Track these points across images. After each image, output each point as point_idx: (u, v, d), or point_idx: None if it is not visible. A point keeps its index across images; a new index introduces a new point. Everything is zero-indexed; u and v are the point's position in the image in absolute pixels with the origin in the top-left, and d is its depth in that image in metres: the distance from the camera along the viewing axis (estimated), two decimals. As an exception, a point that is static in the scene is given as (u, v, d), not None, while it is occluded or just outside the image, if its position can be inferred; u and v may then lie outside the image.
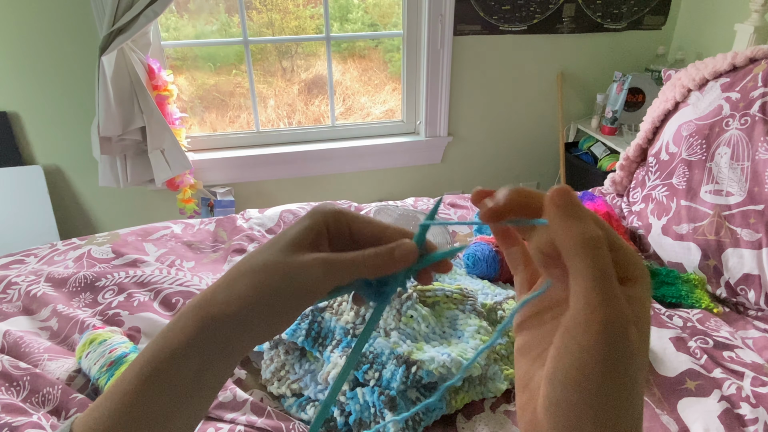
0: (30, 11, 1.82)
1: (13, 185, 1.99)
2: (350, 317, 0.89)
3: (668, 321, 1.01)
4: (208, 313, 0.33)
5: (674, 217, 1.23)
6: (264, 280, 0.33)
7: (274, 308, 0.33)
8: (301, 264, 0.33)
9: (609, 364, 0.24)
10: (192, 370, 0.33)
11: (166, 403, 0.33)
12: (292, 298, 0.33)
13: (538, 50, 2.29)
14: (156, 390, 0.32)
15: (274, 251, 0.33)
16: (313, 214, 0.35)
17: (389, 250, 0.33)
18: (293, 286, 0.33)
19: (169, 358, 0.33)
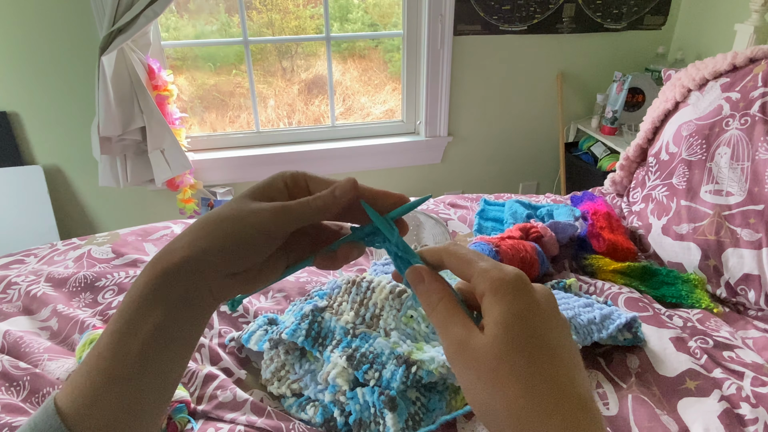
0: (30, 11, 1.82)
1: (13, 185, 1.99)
2: (350, 317, 0.89)
3: (668, 321, 1.01)
4: (162, 265, 0.34)
5: (674, 217, 1.23)
6: (217, 226, 0.34)
7: (228, 251, 0.34)
8: (252, 209, 0.35)
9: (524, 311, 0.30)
10: (156, 318, 0.33)
11: (137, 360, 0.33)
12: (244, 241, 0.34)
13: (538, 50, 2.29)
14: (123, 348, 0.33)
15: (235, 201, 0.36)
16: (274, 175, 0.38)
17: (331, 191, 0.36)
18: (244, 229, 0.34)
19: (133, 309, 0.33)
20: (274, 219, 0.35)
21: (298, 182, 0.38)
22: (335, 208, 0.36)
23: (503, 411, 0.28)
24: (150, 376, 0.34)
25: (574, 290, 1.09)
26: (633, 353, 0.94)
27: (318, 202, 0.36)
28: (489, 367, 0.29)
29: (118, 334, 0.33)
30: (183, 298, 0.34)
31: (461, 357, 0.30)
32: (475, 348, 0.29)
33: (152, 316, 0.33)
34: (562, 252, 1.24)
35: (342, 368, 0.81)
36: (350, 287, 0.94)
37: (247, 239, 0.35)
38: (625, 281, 1.15)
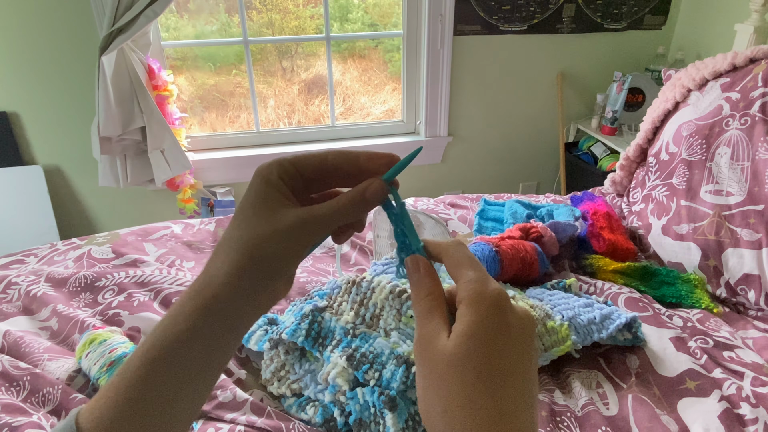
0: (30, 11, 1.82)
1: (13, 185, 1.99)
2: (350, 317, 0.89)
3: (668, 321, 1.01)
4: (210, 294, 0.34)
5: (674, 217, 1.23)
6: (258, 248, 0.34)
7: (271, 270, 0.35)
8: (286, 226, 0.34)
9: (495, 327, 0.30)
10: (200, 351, 0.34)
11: (173, 386, 0.33)
12: (286, 257, 0.35)
13: (538, 50, 2.29)
14: (163, 373, 0.33)
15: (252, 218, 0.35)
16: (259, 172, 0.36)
17: (360, 194, 0.36)
18: (286, 245, 0.34)
19: (175, 344, 0.33)
20: (307, 235, 0.35)
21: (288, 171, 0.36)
22: (366, 210, 0.36)
23: (440, 416, 0.30)
24: (182, 403, 0.34)
25: (574, 290, 1.09)
26: (633, 353, 0.94)
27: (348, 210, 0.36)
28: (441, 371, 0.30)
29: (152, 364, 0.33)
30: (229, 327, 0.35)
31: (423, 353, 0.31)
32: (436, 349, 0.31)
33: (195, 348, 0.34)
34: (562, 252, 1.24)
35: (342, 368, 0.81)
36: (350, 287, 0.94)
37: (287, 255, 0.35)
38: (625, 281, 1.15)
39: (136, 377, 0.33)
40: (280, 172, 0.36)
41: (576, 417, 0.82)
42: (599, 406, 0.85)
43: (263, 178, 0.35)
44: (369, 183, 0.36)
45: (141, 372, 0.33)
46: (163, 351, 0.33)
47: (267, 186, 0.35)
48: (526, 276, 1.12)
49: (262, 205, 0.35)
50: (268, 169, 0.36)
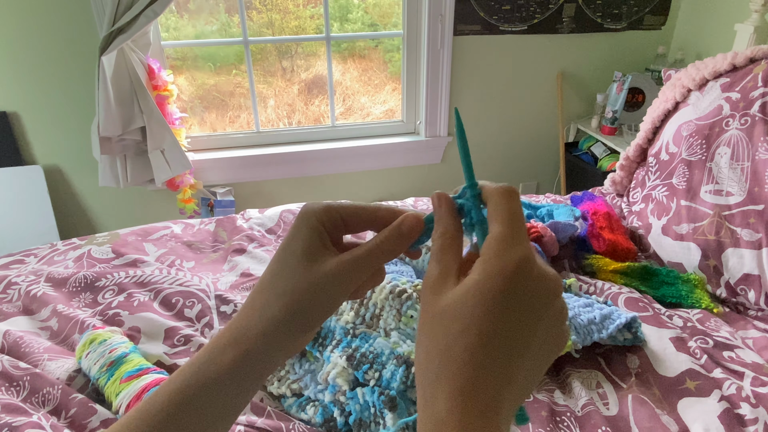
0: (30, 11, 1.82)
1: (13, 185, 1.99)
2: (350, 317, 0.89)
3: (668, 321, 1.01)
4: (245, 346, 0.34)
5: (674, 217, 1.23)
6: (297, 301, 0.34)
7: (308, 323, 0.35)
8: (326, 275, 0.34)
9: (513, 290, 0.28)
10: (227, 399, 0.34)
11: (196, 428, 0.34)
12: (324, 307, 0.35)
13: (538, 50, 2.29)
14: (188, 417, 0.33)
15: (295, 267, 0.34)
16: (306, 218, 0.35)
17: (396, 229, 0.35)
18: (326, 296, 0.34)
19: (204, 388, 0.34)
20: (349, 280, 0.34)
21: (332, 219, 0.36)
22: (406, 246, 0.35)
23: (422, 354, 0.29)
24: None
25: (574, 290, 1.09)
26: (633, 353, 0.94)
27: (387, 246, 0.35)
28: (444, 319, 0.28)
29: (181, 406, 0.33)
30: (260, 376, 0.35)
31: (425, 293, 0.31)
32: (436, 293, 0.30)
33: (225, 393, 0.34)
34: (562, 252, 1.24)
35: (342, 368, 0.81)
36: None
37: (325, 305, 0.35)
38: (625, 281, 1.15)
39: (161, 416, 0.33)
40: (326, 221, 0.35)
41: (576, 417, 0.82)
42: (599, 406, 0.85)
43: (307, 225, 0.35)
44: (403, 217, 0.35)
45: (165, 412, 0.33)
46: (190, 396, 0.33)
47: (310, 233, 0.35)
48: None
49: (304, 255, 0.34)
50: (313, 213, 0.35)
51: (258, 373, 0.35)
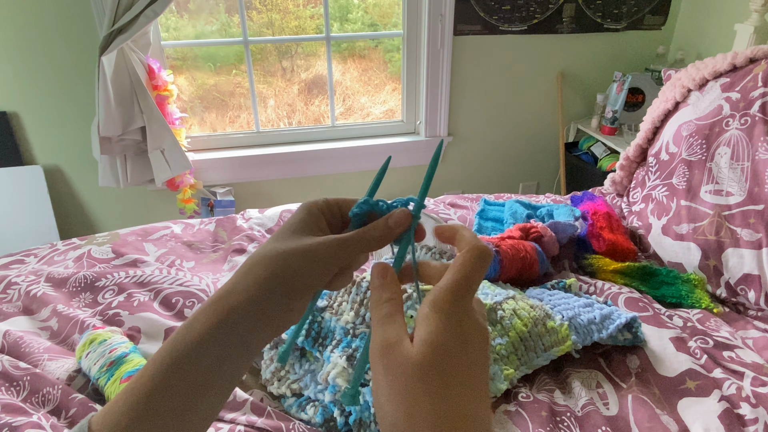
0: (30, 11, 1.82)
1: (13, 185, 1.99)
2: (350, 317, 0.89)
3: (668, 321, 1.01)
4: (227, 304, 0.35)
5: (674, 217, 1.23)
6: (282, 263, 0.35)
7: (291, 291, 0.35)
8: (316, 244, 0.36)
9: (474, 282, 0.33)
10: (211, 361, 0.34)
11: (185, 395, 0.34)
12: (308, 277, 0.36)
13: (538, 50, 2.29)
14: (175, 382, 0.34)
15: (284, 238, 0.37)
16: (307, 204, 0.39)
17: (384, 220, 0.38)
18: (310, 265, 0.36)
19: (189, 351, 0.34)
20: (333, 254, 0.36)
21: (331, 209, 0.40)
22: (390, 239, 0.38)
23: (404, 422, 0.29)
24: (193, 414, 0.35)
25: (574, 290, 1.09)
26: (633, 353, 0.94)
27: (374, 233, 0.38)
28: (406, 378, 0.29)
29: (168, 373, 0.34)
30: (242, 340, 0.35)
31: (384, 359, 0.31)
32: (401, 355, 0.30)
33: (208, 356, 0.34)
34: (562, 252, 1.24)
35: (342, 368, 0.81)
36: (350, 287, 0.94)
37: (309, 275, 0.36)
38: (625, 281, 1.15)
39: (150, 385, 0.33)
40: (323, 207, 0.39)
41: (576, 417, 0.82)
42: (599, 406, 0.85)
43: (306, 208, 0.39)
44: (393, 212, 0.39)
45: (155, 380, 0.33)
46: (176, 359, 0.34)
47: (307, 214, 0.38)
48: (526, 276, 1.12)
49: (297, 229, 0.37)
50: (314, 202, 0.39)
51: (240, 337, 0.35)
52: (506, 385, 0.86)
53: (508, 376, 0.87)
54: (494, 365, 0.88)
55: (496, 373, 0.87)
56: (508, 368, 0.89)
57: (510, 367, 0.90)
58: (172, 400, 0.33)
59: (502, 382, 0.86)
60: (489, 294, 1.03)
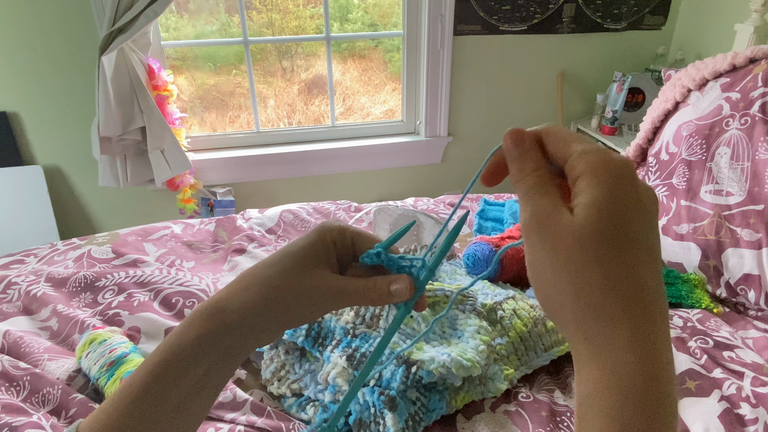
0: (30, 11, 1.82)
1: (13, 185, 1.99)
2: (350, 317, 0.89)
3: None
4: (221, 321, 0.35)
5: (674, 217, 1.23)
6: (278, 294, 0.36)
7: (282, 320, 0.37)
8: (313, 288, 0.36)
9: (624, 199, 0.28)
10: (200, 371, 0.35)
11: (172, 402, 0.34)
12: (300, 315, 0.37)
13: (538, 50, 2.29)
14: (163, 389, 0.34)
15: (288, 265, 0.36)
16: (321, 230, 0.38)
17: (387, 286, 0.37)
18: (306, 304, 0.36)
19: (179, 360, 0.35)
20: (330, 303, 0.37)
21: (344, 241, 0.39)
22: (387, 302, 0.38)
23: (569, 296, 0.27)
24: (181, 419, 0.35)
25: (574, 290, 1.09)
26: (633, 353, 0.94)
27: (373, 296, 0.37)
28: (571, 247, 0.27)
29: (158, 381, 0.34)
30: (230, 353, 0.36)
31: (542, 230, 0.29)
32: (561, 225, 0.28)
33: (197, 366, 0.35)
34: (562, 252, 1.24)
35: (342, 368, 0.81)
36: (350, 287, 0.94)
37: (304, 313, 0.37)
38: (625, 281, 1.15)
39: (139, 391, 0.34)
40: (336, 238, 0.38)
41: (576, 417, 0.82)
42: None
43: (320, 236, 0.37)
44: (398, 278, 0.37)
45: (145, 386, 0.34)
46: (166, 367, 0.34)
47: (320, 244, 0.37)
48: (526, 276, 1.12)
49: (304, 260, 0.36)
50: (329, 229, 0.38)
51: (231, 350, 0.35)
52: (506, 385, 0.86)
53: (508, 376, 0.87)
54: (494, 365, 0.88)
55: (496, 373, 0.87)
56: (508, 368, 0.89)
57: (510, 367, 0.90)
58: (159, 405, 0.34)
59: (502, 382, 0.86)
60: (489, 294, 1.03)
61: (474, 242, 1.18)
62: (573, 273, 0.27)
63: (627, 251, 0.27)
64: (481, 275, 0.38)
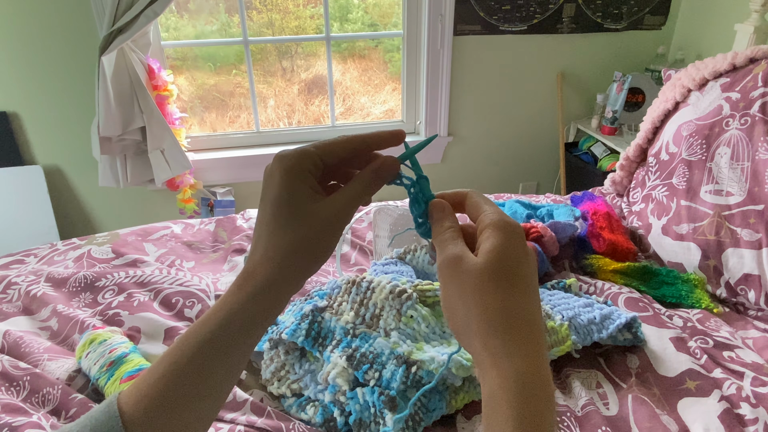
0: (30, 11, 1.82)
1: (13, 185, 1.99)
2: (350, 317, 0.89)
3: (668, 321, 1.01)
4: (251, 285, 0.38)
5: (674, 217, 1.23)
6: (296, 251, 0.38)
7: (314, 252, 0.39)
8: (321, 226, 0.38)
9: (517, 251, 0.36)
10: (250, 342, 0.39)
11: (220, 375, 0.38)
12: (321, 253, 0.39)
13: (538, 50, 2.29)
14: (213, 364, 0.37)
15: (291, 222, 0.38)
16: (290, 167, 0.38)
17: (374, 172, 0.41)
18: (330, 230, 0.39)
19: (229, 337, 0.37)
20: (338, 222, 0.39)
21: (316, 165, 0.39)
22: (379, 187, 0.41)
23: (475, 320, 0.35)
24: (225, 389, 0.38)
25: (574, 290, 1.09)
26: (633, 353, 0.94)
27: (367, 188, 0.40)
28: (476, 282, 0.35)
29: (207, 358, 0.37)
30: (269, 310, 0.39)
31: (453, 271, 0.36)
32: (468, 265, 0.36)
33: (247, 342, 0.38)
34: (562, 252, 1.24)
35: (342, 368, 0.81)
36: (350, 287, 0.94)
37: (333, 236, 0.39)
38: (625, 281, 1.15)
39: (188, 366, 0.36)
40: (309, 166, 0.38)
41: (576, 417, 0.82)
42: (599, 406, 0.85)
43: (294, 174, 0.38)
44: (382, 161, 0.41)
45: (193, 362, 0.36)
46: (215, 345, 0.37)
47: (298, 182, 0.38)
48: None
49: (297, 204, 0.38)
50: (298, 164, 0.38)
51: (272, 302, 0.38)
52: (506, 385, 0.86)
53: (508, 376, 0.87)
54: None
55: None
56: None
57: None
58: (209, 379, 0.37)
59: (502, 382, 0.86)
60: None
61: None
62: (478, 301, 0.35)
63: (516, 286, 0.35)
64: None
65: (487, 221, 0.37)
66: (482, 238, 0.37)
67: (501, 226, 0.37)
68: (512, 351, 0.34)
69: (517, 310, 0.35)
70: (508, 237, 0.36)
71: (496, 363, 0.34)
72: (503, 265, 0.35)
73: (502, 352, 0.34)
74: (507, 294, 0.35)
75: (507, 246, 0.36)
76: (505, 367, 0.34)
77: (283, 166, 0.37)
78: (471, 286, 0.35)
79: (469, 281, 0.35)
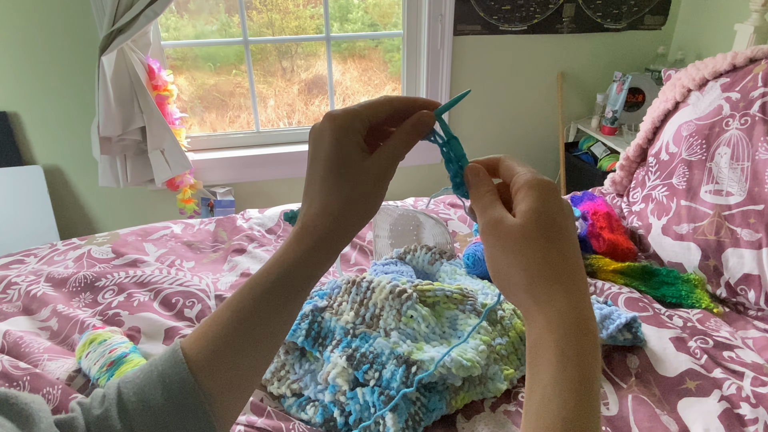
0: (30, 11, 1.82)
1: (13, 185, 1.99)
2: (350, 317, 0.89)
3: (668, 321, 1.01)
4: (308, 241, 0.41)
5: (674, 217, 1.23)
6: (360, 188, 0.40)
7: (366, 206, 0.42)
8: (373, 182, 0.41)
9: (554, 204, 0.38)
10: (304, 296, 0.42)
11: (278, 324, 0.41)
12: (380, 193, 0.42)
13: (538, 50, 2.29)
14: (271, 313, 0.40)
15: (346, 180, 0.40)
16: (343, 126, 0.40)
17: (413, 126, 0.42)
18: (380, 184, 0.41)
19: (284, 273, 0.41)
20: (387, 177, 0.42)
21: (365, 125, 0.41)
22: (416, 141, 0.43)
23: (519, 274, 0.37)
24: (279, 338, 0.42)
25: (574, 290, 1.09)
26: (633, 353, 0.94)
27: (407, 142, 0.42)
28: (517, 240, 0.37)
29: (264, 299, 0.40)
30: (324, 262, 0.42)
31: (494, 232, 0.38)
32: (508, 226, 0.37)
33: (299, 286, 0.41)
34: (562, 252, 1.24)
35: (342, 368, 0.81)
36: (350, 287, 0.94)
37: (375, 203, 0.42)
38: (625, 281, 1.15)
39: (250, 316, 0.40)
40: (357, 125, 0.40)
41: (576, 417, 0.82)
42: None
43: (344, 132, 0.40)
44: (419, 115, 0.43)
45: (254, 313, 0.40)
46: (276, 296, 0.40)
47: (348, 140, 0.40)
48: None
49: (350, 161, 0.40)
50: (349, 123, 0.40)
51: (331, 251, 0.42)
52: (506, 385, 0.86)
53: (508, 376, 0.87)
54: (494, 365, 0.88)
55: (496, 373, 0.87)
56: (508, 368, 0.89)
57: (510, 367, 0.90)
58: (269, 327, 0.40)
59: (502, 382, 0.86)
60: (489, 294, 1.03)
61: (474, 242, 1.18)
62: (521, 258, 0.37)
63: (556, 239, 0.37)
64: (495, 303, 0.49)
65: (521, 182, 0.39)
66: (518, 199, 0.38)
67: (534, 185, 0.38)
68: (556, 296, 0.36)
69: (557, 259, 0.36)
70: (542, 194, 0.37)
71: (542, 309, 0.36)
72: (541, 222, 0.37)
73: (546, 299, 0.36)
74: (547, 247, 0.36)
75: (542, 203, 0.37)
76: (549, 311, 0.36)
77: (335, 125, 0.40)
78: (512, 245, 0.37)
79: (511, 241, 0.37)
